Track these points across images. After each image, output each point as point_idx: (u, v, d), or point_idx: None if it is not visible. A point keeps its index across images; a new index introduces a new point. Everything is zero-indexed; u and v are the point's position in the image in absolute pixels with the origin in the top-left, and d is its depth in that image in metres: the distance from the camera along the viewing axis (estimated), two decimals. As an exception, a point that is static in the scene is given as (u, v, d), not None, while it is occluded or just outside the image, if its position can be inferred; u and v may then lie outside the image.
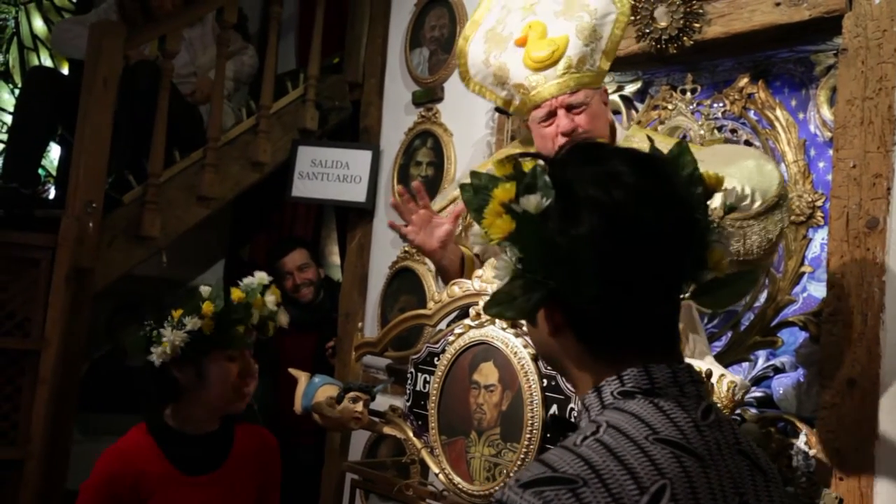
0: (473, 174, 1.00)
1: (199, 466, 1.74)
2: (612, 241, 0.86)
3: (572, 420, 1.42)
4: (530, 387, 1.51)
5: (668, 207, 0.89)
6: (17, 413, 2.68)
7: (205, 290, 1.74)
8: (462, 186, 1.00)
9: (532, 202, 0.89)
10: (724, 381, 1.34)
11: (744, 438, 0.94)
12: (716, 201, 1.49)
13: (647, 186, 0.88)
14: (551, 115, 1.87)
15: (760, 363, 2.10)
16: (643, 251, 0.87)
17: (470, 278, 1.97)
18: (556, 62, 1.82)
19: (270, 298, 1.80)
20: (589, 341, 0.92)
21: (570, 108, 1.85)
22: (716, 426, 0.89)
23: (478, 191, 0.98)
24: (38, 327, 2.73)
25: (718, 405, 1.29)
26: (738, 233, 1.63)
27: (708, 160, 1.68)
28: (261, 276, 1.82)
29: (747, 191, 1.64)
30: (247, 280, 1.81)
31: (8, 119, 4.38)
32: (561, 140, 1.90)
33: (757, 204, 1.64)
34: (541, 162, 0.94)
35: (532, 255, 0.89)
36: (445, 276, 2.04)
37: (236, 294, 1.74)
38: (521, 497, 0.80)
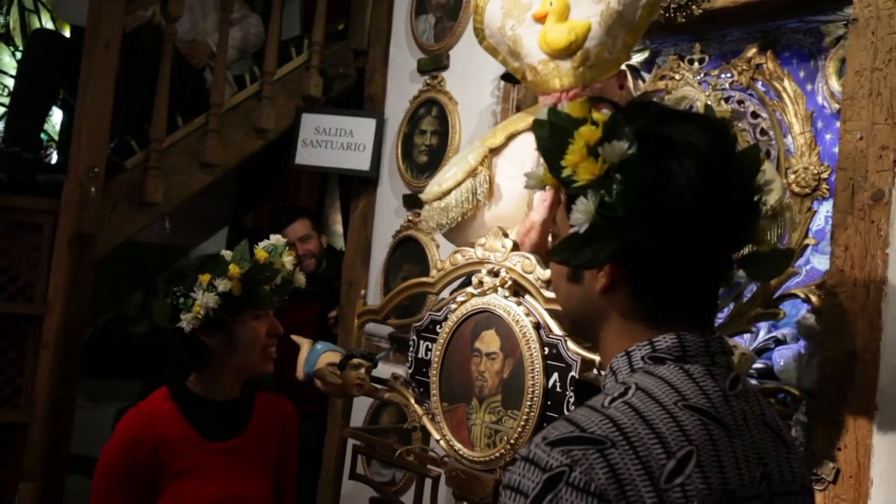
0: (551, 111, 0.95)
1: (220, 432, 1.76)
2: (703, 194, 0.85)
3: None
4: (531, 355, 1.51)
5: (745, 173, 0.91)
6: (20, 377, 2.70)
7: (227, 254, 1.76)
8: (537, 122, 0.95)
9: (617, 149, 0.86)
10: (737, 352, 1.35)
11: (768, 410, 0.95)
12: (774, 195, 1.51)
13: (730, 148, 0.90)
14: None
15: (762, 335, 2.11)
16: (725, 211, 0.88)
17: None
18: (572, 53, 1.65)
19: (288, 259, 1.83)
20: (644, 299, 0.91)
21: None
22: (742, 397, 0.91)
23: (555, 129, 0.93)
24: (41, 292, 2.74)
25: None
26: None
27: None
28: (277, 239, 1.84)
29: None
30: (266, 242, 1.83)
31: (9, 82, 4.35)
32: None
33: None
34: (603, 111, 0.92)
35: (623, 202, 0.86)
36: None
37: (260, 254, 1.77)
38: (549, 455, 0.80)
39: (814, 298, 1.95)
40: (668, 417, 0.83)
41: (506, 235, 1.63)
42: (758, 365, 2.08)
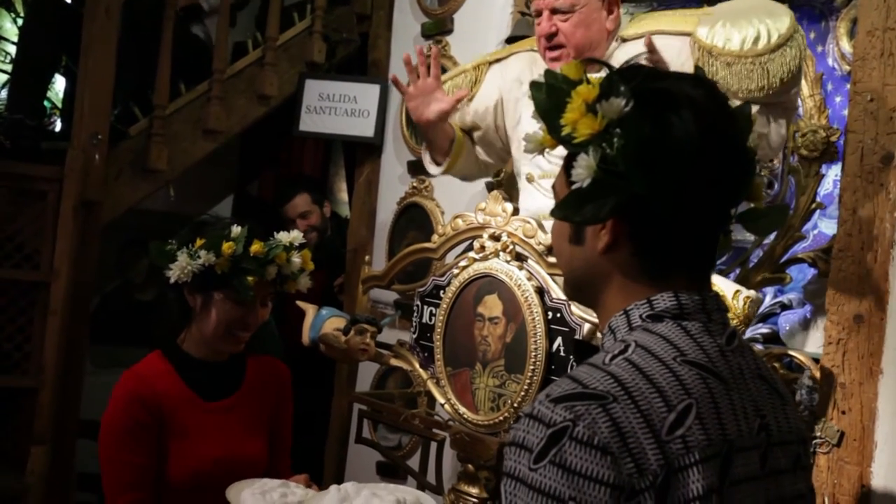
0: (548, 73, 0.96)
1: (215, 393, 1.77)
2: (702, 146, 0.87)
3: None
4: (534, 319, 1.51)
5: (740, 127, 0.93)
6: (29, 343, 2.72)
7: (235, 230, 1.72)
8: (533, 84, 0.96)
9: (615, 105, 0.87)
10: (740, 296, 1.35)
11: (763, 364, 0.97)
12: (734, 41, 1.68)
13: (725, 103, 0.92)
14: (539, 13, 1.85)
15: (768, 300, 2.10)
16: (723, 164, 0.89)
17: (455, 161, 2.11)
18: None
19: (296, 260, 1.78)
20: (645, 255, 0.92)
21: (554, 12, 1.81)
22: (738, 352, 0.93)
23: (552, 90, 0.94)
24: (48, 259, 2.75)
25: (735, 321, 1.33)
26: (758, 69, 1.69)
27: (723, 17, 1.71)
28: (294, 236, 1.79)
29: (762, 31, 1.69)
30: (279, 236, 1.77)
31: (11, 49, 4.32)
32: (543, 42, 1.87)
33: (774, 39, 1.68)
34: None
35: (623, 156, 0.87)
36: (430, 147, 2.15)
37: (256, 246, 1.71)
38: (553, 411, 0.81)
39: (821, 263, 1.94)
40: (668, 372, 0.84)
41: (506, 200, 1.62)
42: (763, 330, 2.08)
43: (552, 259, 1.52)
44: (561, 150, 0.96)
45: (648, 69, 0.95)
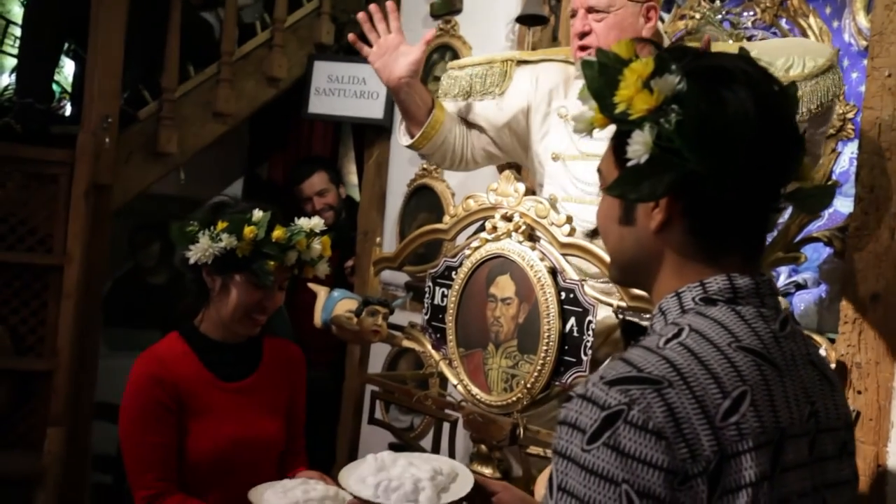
0: (599, 51, 0.95)
1: (232, 374, 1.78)
2: (758, 122, 0.86)
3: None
4: (547, 300, 1.50)
5: (792, 105, 0.93)
6: (43, 327, 2.74)
7: (257, 214, 1.72)
8: (585, 63, 0.95)
9: (669, 82, 0.87)
10: None
11: (813, 349, 0.97)
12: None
13: (776, 79, 0.92)
14: (575, 13, 1.82)
15: (782, 279, 2.08)
16: (778, 142, 0.89)
17: (433, 131, 1.98)
18: None
19: (317, 246, 1.79)
20: (700, 234, 0.91)
21: (590, 11, 1.79)
22: (791, 337, 0.93)
23: (605, 69, 0.93)
24: (60, 243, 2.76)
25: None
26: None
27: (761, 48, 1.68)
28: (314, 223, 1.80)
29: (797, 61, 1.64)
30: (300, 222, 1.78)
31: (19, 32, 4.31)
32: (576, 41, 1.84)
33: (808, 68, 1.63)
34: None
35: (680, 132, 0.86)
36: (405, 114, 1.98)
37: (278, 232, 1.72)
38: (607, 394, 0.81)
39: (836, 242, 1.92)
40: (723, 358, 0.85)
41: (518, 180, 1.61)
42: (777, 309, 2.06)
43: (565, 239, 1.51)
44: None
45: (695, 49, 0.94)
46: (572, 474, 0.81)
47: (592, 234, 1.72)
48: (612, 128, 0.97)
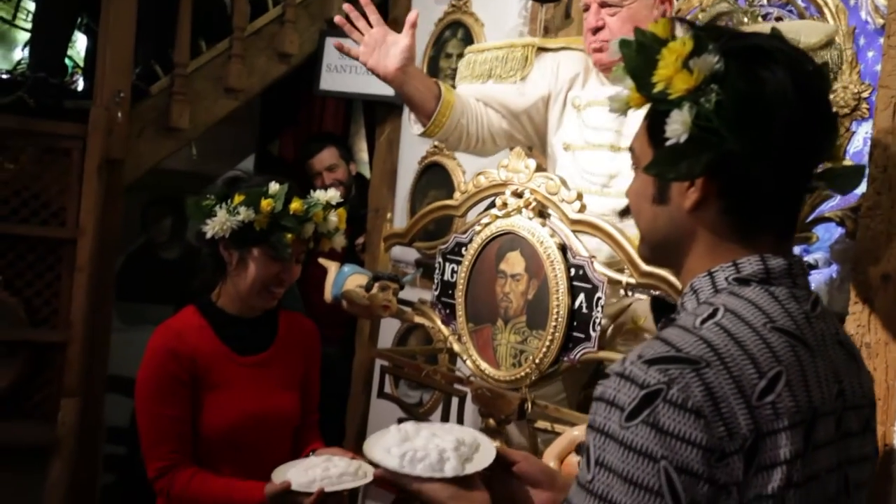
0: (637, 30, 0.95)
1: (249, 348, 1.79)
2: (797, 104, 0.87)
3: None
4: (556, 276, 1.51)
5: (827, 85, 0.95)
6: (57, 299, 2.78)
7: (273, 187, 1.73)
8: (623, 42, 0.95)
9: (708, 62, 0.87)
10: None
11: (841, 329, 0.99)
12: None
13: (813, 60, 0.93)
14: (588, 7, 1.79)
15: (793, 259, 2.08)
16: (814, 122, 0.90)
17: (444, 118, 1.89)
18: None
19: (333, 219, 1.80)
20: (734, 213, 0.92)
21: (603, 5, 1.77)
22: (821, 318, 0.94)
23: (643, 48, 0.93)
24: (73, 217, 2.79)
25: None
26: None
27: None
28: (331, 195, 1.80)
29: (792, 36, 1.61)
30: (316, 194, 1.79)
31: (32, 7, 4.32)
32: (589, 37, 1.83)
33: (808, 40, 1.60)
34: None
35: (719, 112, 0.87)
36: (413, 106, 1.89)
37: (296, 204, 1.73)
38: (646, 373, 0.83)
39: (849, 222, 1.91)
40: (759, 339, 0.86)
41: (528, 156, 1.60)
42: (788, 289, 2.05)
43: (575, 216, 1.51)
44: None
45: (731, 29, 0.96)
46: (610, 450, 0.83)
47: (623, 213, 1.71)
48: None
